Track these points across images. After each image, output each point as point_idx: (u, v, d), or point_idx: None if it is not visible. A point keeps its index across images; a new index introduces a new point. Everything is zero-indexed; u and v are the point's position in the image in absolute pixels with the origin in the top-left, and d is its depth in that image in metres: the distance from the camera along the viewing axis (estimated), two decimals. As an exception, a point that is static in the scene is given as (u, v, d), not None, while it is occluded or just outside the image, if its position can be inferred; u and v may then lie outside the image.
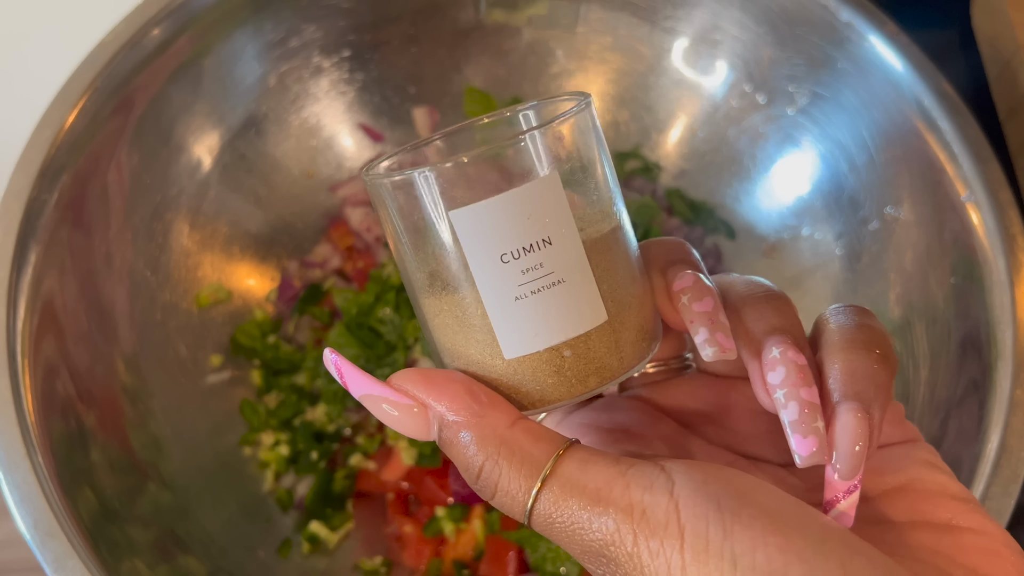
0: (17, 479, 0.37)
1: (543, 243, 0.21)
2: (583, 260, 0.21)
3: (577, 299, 0.21)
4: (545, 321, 0.21)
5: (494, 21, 0.57)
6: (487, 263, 0.21)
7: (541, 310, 0.21)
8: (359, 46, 0.56)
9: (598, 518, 0.19)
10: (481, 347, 0.22)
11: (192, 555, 0.43)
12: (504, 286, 0.21)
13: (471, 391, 0.21)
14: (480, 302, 0.21)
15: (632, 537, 0.18)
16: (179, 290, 0.51)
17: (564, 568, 0.47)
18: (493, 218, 0.21)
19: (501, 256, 0.21)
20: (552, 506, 0.19)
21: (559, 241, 0.21)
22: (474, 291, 0.21)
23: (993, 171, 0.44)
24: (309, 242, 0.58)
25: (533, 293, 0.21)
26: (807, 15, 0.49)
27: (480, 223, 0.21)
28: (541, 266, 0.21)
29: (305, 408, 0.52)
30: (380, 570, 0.49)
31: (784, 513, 0.18)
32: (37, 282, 0.42)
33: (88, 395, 0.43)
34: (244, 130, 0.54)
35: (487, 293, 0.21)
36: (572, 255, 0.21)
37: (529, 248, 0.21)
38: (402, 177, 0.21)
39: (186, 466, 0.47)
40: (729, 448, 0.24)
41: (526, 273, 0.21)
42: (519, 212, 0.21)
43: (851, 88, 0.49)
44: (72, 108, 0.44)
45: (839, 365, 0.21)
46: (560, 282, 0.21)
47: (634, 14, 0.55)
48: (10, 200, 0.42)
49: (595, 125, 0.23)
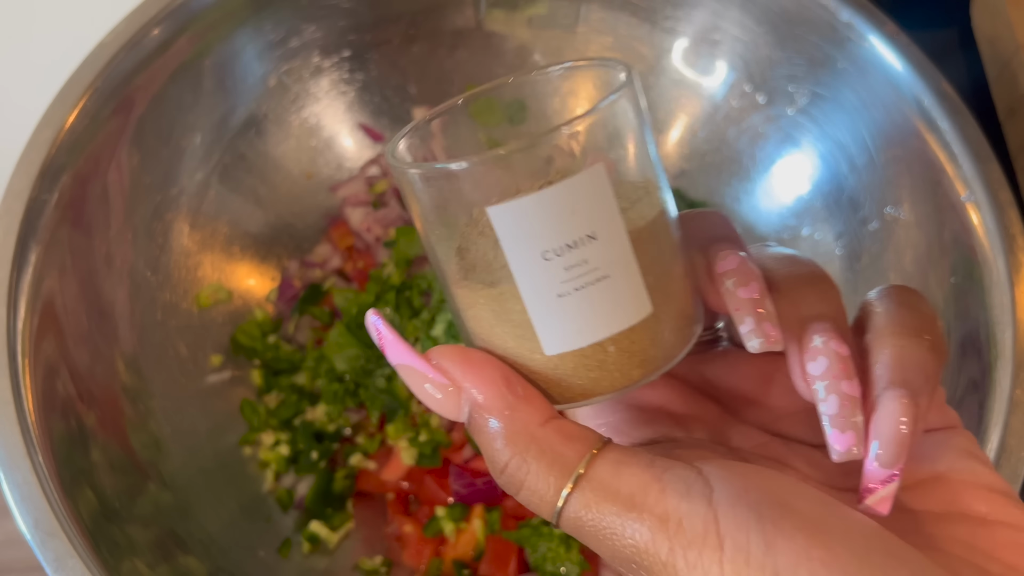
0: (17, 479, 0.37)
1: (588, 239, 0.19)
2: (629, 253, 0.20)
3: (623, 294, 0.20)
4: (588, 318, 0.20)
5: (494, 21, 0.57)
6: (528, 261, 0.19)
7: (585, 307, 0.20)
8: (359, 46, 0.56)
9: (631, 524, 0.18)
10: (519, 341, 0.21)
11: (192, 555, 0.44)
12: (546, 284, 0.20)
13: (507, 380, 0.20)
14: (519, 298, 0.20)
15: (668, 547, 0.18)
16: (179, 290, 0.51)
17: (564, 568, 0.47)
18: (535, 215, 0.19)
19: (543, 254, 0.19)
20: (583, 509, 0.19)
21: (604, 236, 0.19)
22: (513, 287, 0.20)
23: (993, 171, 0.44)
24: (309, 242, 0.58)
25: (577, 290, 0.20)
26: (807, 15, 0.49)
27: (521, 221, 0.19)
28: (586, 262, 0.19)
29: (305, 408, 0.52)
30: (380, 570, 0.49)
31: (826, 522, 0.18)
32: (37, 282, 0.42)
33: (88, 395, 0.43)
34: (244, 130, 0.54)
35: (527, 290, 0.20)
36: (618, 249, 0.20)
37: (573, 245, 0.19)
38: (433, 170, 0.20)
39: (186, 466, 0.47)
40: (764, 427, 0.23)
41: (569, 270, 0.19)
42: (562, 209, 0.19)
43: (851, 88, 0.49)
44: (72, 108, 0.44)
45: (888, 351, 0.20)
46: (605, 277, 0.20)
47: (634, 14, 0.55)
48: (10, 200, 0.42)
49: (639, 102, 0.21)
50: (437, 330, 0.52)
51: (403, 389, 0.51)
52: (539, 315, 0.20)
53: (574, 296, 0.20)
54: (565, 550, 0.47)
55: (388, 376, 0.52)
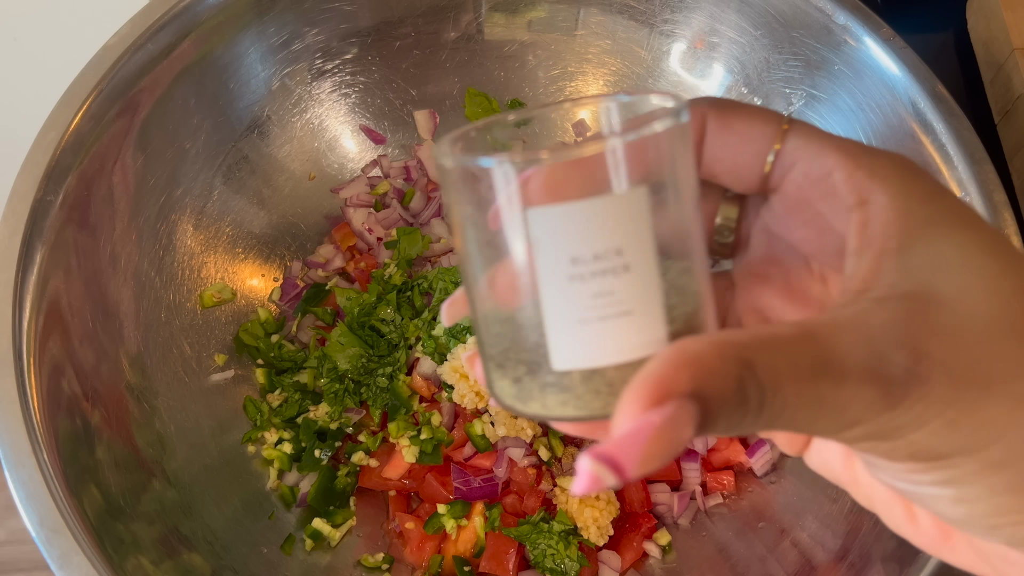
0: (23, 477, 0.37)
1: (620, 268, 0.19)
2: (657, 294, 0.19)
3: (642, 331, 0.19)
4: (604, 345, 0.19)
5: (494, 24, 0.58)
6: (556, 280, 0.19)
7: (603, 335, 0.19)
8: (361, 49, 0.57)
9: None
10: (531, 347, 0.20)
11: (196, 552, 0.44)
12: (570, 307, 0.19)
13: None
14: (541, 314, 0.20)
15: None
16: (183, 290, 0.52)
17: (564, 564, 0.47)
18: (570, 225, 0.19)
19: (570, 276, 0.19)
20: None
21: (637, 268, 0.19)
22: (536, 304, 0.20)
23: (987, 172, 0.44)
24: (312, 242, 0.58)
25: (600, 320, 0.19)
26: (803, 18, 0.49)
27: (556, 228, 0.19)
28: (613, 294, 0.19)
29: (308, 406, 0.53)
30: (382, 566, 0.49)
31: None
32: (43, 282, 0.42)
33: (93, 394, 0.43)
34: (247, 132, 0.55)
35: (550, 310, 0.19)
36: (648, 286, 0.19)
37: (602, 270, 0.19)
38: (476, 165, 0.19)
39: (190, 464, 0.47)
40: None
41: (596, 298, 0.19)
42: (597, 225, 0.19)
43: (847, 90, 0.49)
44: (78, 110, 0.44)
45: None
46: (628, 314, 0.19)
47: (632, 17, 0.56)
48: (16, 201, 0.42)
49: (689, 140, 0.21)
50: (438, 330, 0.52)
51: (404, 388, 0.52)
52: (556, 333, 0.20)
53: (596, 325, 0.19)
54: (564, 547, 0.47)
55: (390, 375, 0.52)
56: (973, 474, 0.19)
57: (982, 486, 0.19)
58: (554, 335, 0.20)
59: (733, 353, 0.18)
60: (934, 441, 0.19)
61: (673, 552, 0.50)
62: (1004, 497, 0.19)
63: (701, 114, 0.22)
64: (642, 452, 0.17)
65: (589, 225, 0.19)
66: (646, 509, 0.50)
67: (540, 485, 0.49)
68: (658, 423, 0.17)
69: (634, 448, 0.17)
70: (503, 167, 0.19)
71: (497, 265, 0.20)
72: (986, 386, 0.18)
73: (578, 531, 0.48)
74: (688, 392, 0.17)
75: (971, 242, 0.20)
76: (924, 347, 0.18)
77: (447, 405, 0.51)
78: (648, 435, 0.17)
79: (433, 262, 0.57)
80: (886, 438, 0.19)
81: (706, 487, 0.51)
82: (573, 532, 0.48)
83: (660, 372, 0.18)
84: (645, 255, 0.19)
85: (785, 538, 0.47)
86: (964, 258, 0.19)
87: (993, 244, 0.20)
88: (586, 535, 0.48)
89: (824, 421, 0.19)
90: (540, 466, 0.50)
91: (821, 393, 0.18)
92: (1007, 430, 0.18)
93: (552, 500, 0.49)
